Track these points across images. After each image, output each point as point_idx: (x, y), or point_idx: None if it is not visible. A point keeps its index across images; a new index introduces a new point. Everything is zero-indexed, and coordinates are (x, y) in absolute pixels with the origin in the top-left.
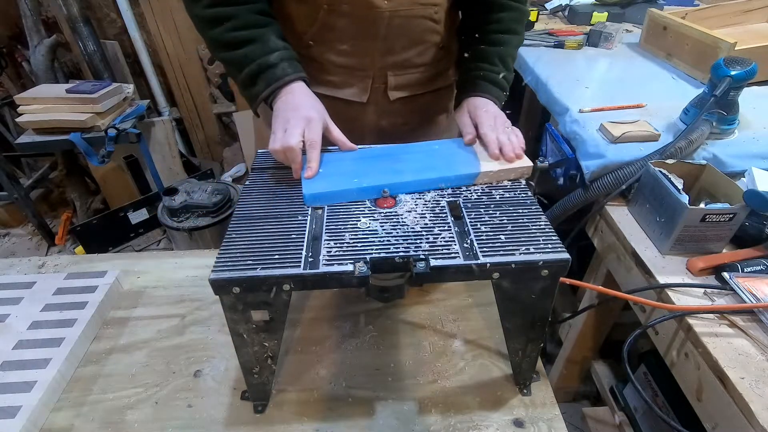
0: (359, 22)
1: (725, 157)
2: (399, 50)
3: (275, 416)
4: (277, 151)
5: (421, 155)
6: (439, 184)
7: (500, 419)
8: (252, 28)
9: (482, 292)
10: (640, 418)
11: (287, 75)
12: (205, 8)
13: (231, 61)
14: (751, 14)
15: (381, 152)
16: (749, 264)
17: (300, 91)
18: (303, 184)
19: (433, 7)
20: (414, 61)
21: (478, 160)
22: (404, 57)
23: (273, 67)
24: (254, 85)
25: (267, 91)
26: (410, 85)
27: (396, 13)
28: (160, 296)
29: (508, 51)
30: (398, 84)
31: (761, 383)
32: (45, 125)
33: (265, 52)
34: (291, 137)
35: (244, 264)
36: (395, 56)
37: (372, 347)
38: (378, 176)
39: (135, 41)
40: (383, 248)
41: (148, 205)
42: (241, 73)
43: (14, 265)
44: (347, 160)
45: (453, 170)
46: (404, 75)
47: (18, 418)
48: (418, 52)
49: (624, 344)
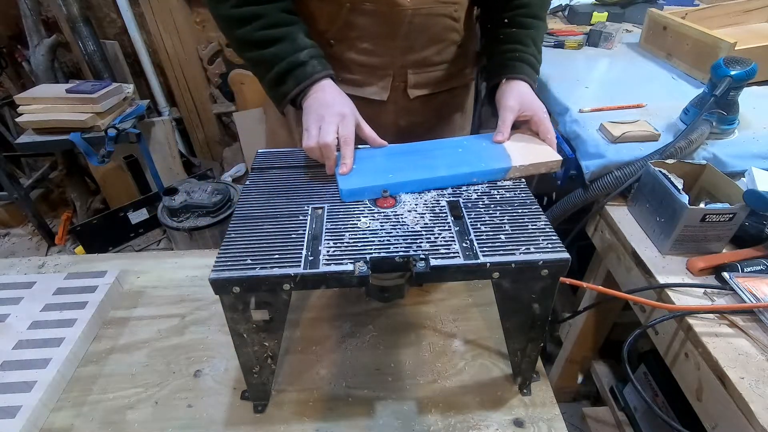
0: (382, 20)
1: (725, 157)
2: (419, 48)
3: (275, 416)
4: (313, 148)
5: (450, 150)
6: (472, 179)
7: (500, 419)
8: (281, 26)
9: (482, 292)
10: (640, 418)
11: (317, 73)
12: (232, 8)
13: (259, 60)
14: (751, 14)
15: (411, 149)
16: (749, 264)
17: (330, 88)
18: (339, 180)
19: (454, 5)
20: (433, 60)
21: (508, 154)
22: (424, 55)
23: (303, 65)
24: (283, 83)
25: (297, 89)
26: (429, 83)
27: (418, 11)
28: (160, 296)
29: (539, 34)
30: (418, 82)
31: (761, 383)
32: (45, 125)
33: (295, 50)
34: (327, 134)
35: (244, 264)
36: (416, 54)
37: (372, 347)
38: (412, 171)
39: (135, 41)
40: (383, 248)
41: (148, 205)
42: (270, 72)
43: (14, 265)
44: (378, 156)
45: (485, 165)
46: (424, 73)
47: (18, 418)
48: (437, 50)
49: (624, 344)
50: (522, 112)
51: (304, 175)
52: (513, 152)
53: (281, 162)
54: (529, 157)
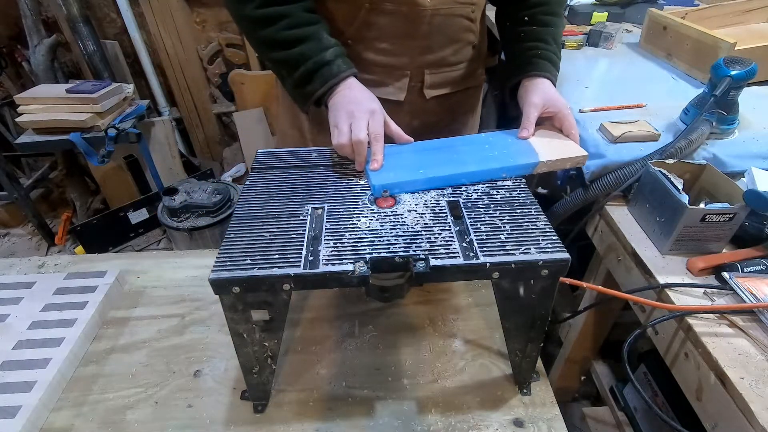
0: (401, 20)
1: (725, 157)
2: (437, 49)
3: (275, 416)
4: (344, 145)
5: (478, 147)
6: (501, 174)
7: (500, 419)
8: (305, 26)
9: (482, 291)
10: (640, 418)
11: (342, 72)
12: (256, 8)
13: (285, 61)
14: (751, 14)
15: (438, 145)
16: (749, 264)
17: (356, 86)
18: (370, 176)
19: (471, 6)
20: (450, 60)
21: (535, 150)
22: (441, 55)
23: (329, 65)
24: (309, 83)
25: (324, 88)
26: (445, 83)
27: (437, 12)
28: (160, 296)
29: (558, 31)
30: (434, 82)
31: (761, 383)
32: (45, 125)
33: (321, 50)
34: (359, 131)
35: (243, 264)
36: (433, 54)
37: (372, 347)
38: (442, 167)
39: (135, 41)
40: (383, 248)
41: (148, 205)
42: (296, 71)
43: (14, 265)
44: (406, 152)
45: (513, 160)
46: (440, 73)
47: (18, 418)
48: (453, 50)
49: (624, 344)
50: (546, 108)
51: (304, 175)
52: (539, 148)
53: (281, 162)
54: (556, 152)
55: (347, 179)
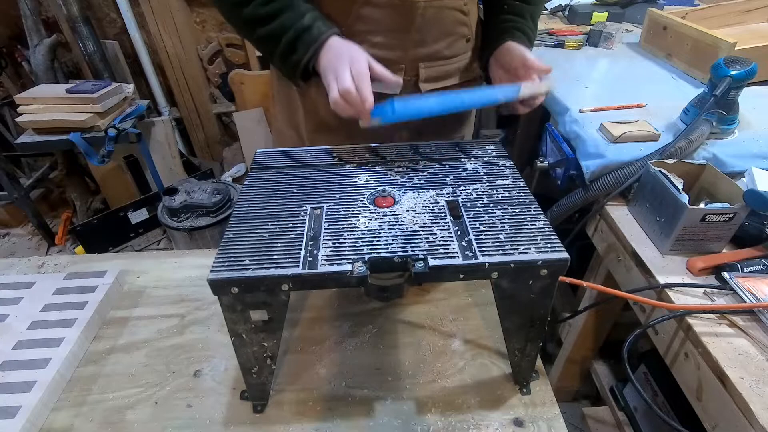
0: (395, 13)
1: (725, 157)
2: (431, 42)
3: (275, 416)
4: (338, 101)
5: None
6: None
7: (500, 418)
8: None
9: (482, 291)
10: (640, 418)
11: (323, 33)
12: None
13: (268, 36)
14: (751, 14)
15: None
16: (749, 264)
17: (337, 42)
18: (375, 111)
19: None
20: (444, 53)
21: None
22: (435, 49)
23: (308, 30)
24: (294, 51)
25: (309, 53)
26: (440, 77)
27: (430, 4)
28: (160, 296)
29: (537, 12)
30: (429, 76)
31: (761, 383)
32: (45, 125)
33: (298, 17)
34: (343, 80)
35: (242, 264)
36: (427, 48)
37: (372, 347)
38: (443, 98)
39: (135, 41)
40: (382, 248)
41: (148, 205)
42: (280, 43)
43: (14, 265)
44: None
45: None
46: (435, 67)
47: (18, 418)
48: (447, 44)
49: (624, 344)
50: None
51: (302, 175)
52: None
53: (280, 162)
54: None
55: (346, 179)
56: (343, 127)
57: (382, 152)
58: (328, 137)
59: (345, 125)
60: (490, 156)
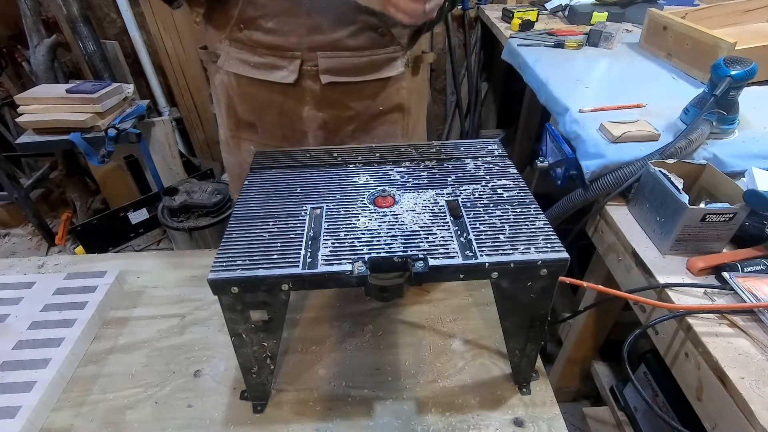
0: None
1: (725, 157)
2: (327, 29)
3: (274, 416)
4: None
5: None
6: None
7: (500, 418)
8: None
9: (482, 291)
10: (640, 418)
11: None
12: None
13: None
14: (751, 14)
15: None
16: (749, 264)
17: None
18: None
19: None
20: (347, 44)
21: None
22: (334, 37)
23: None
24: None
25: None
26: (345, 69)
27: None
28: (160, 296)
29: None
30: (330, 67)
31: (761, 383)
32: (45, 125)
33: None
34: None
35: (242, 264)
36: (324, 35)
37: (372, 347)
38: None
39: (135, 41)
40: (382, 248)
41: (148, 205)
42: None
43: (14, 265)
44: None
45: None
46: (337, 58)
47: (18, 418)
48: (349, 33)
49: (624, 344)
50: None
51: (302, 175)
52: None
53: (279, 162)
54: None
55: (346, 179)
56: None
57: (383, 152)
58: (249, 135)
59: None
60: (490, 156)
